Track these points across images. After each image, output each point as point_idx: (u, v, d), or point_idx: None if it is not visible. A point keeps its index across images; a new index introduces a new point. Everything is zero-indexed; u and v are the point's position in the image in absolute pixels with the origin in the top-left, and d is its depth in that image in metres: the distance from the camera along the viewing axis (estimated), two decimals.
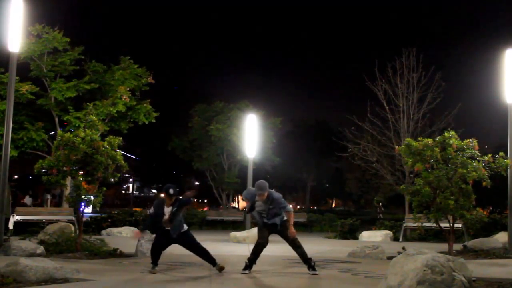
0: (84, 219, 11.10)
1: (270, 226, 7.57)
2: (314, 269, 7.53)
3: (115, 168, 10.39)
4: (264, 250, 7.90)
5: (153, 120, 19.16)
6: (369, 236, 15.73)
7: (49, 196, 25.76)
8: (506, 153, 10.82)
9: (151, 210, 7.77)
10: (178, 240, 7.59)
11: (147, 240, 9.99)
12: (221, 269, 7.51)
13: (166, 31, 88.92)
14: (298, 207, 63.41)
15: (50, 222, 13.60)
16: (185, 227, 7.70)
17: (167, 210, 7.51)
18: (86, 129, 10.45)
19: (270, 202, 7.48)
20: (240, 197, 49.10)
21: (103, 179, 10.21)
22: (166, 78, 40.88)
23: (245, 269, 7.61)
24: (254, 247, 7.68)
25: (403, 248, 9.45)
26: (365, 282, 6.95)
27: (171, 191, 7.51)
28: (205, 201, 54.93)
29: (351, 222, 17.05)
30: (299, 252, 7.62)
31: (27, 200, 27.88)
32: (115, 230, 15.63)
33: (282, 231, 7.60)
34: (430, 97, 19.18)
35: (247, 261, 7.69)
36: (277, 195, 7.61)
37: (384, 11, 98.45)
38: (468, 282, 5.26)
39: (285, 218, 7.63)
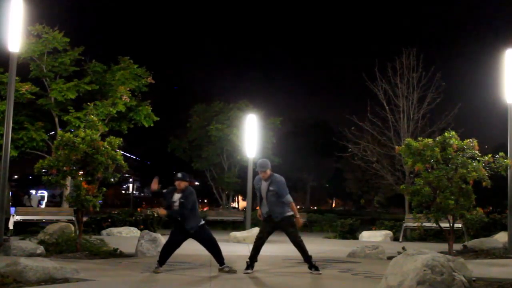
0: (84, 219, 11.08)
1: (268, 219, 7.52)
2: (316, 269, 7.51)
3: (115, 168, 10.38)
4: (265, 250, 7.89)
5: (152, 125, 19.14)
6: (369, 236, 15.72)
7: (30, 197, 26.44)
8: (506, 153, 10.81)
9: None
10: (194, 235, 7.47)
11: (147, 240, 10.01)
12: (228, 271, 7.43)
13: (166, 31, 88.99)
14: (298, 207, 63.44)
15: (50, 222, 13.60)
16: (202, 220, 7.61)
17: (177, 196, 7.41)
18: (86, 129, 10.44)
19: (270, 183, 7.47)
20: (240, 197, 49.15)
21: (103, 179, 10.21)
22: (166, 78, 40.91)
23: (247, 268, 7.58)
24: (254, 242, 7.68)
25: (403, 248, 9.46)
26: (365, 282, 6.95)
27: (179, 175, 7.43)
28: (205, 201, 54.95)
29: (351, 222, 17.04)
30: (300, 250, 7.60)
31: (25, 200, 28.01)
32: (115, 230, 15.61)
33: (284, 226, 7.53)
34: (430, 97, 19.18)
35: (248, 260, 7.67)
36: (279, 177, 7.56)
37: (384, 11, 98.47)
38: (468, 282, 5.26)
39: (289, 213, 7.53)
